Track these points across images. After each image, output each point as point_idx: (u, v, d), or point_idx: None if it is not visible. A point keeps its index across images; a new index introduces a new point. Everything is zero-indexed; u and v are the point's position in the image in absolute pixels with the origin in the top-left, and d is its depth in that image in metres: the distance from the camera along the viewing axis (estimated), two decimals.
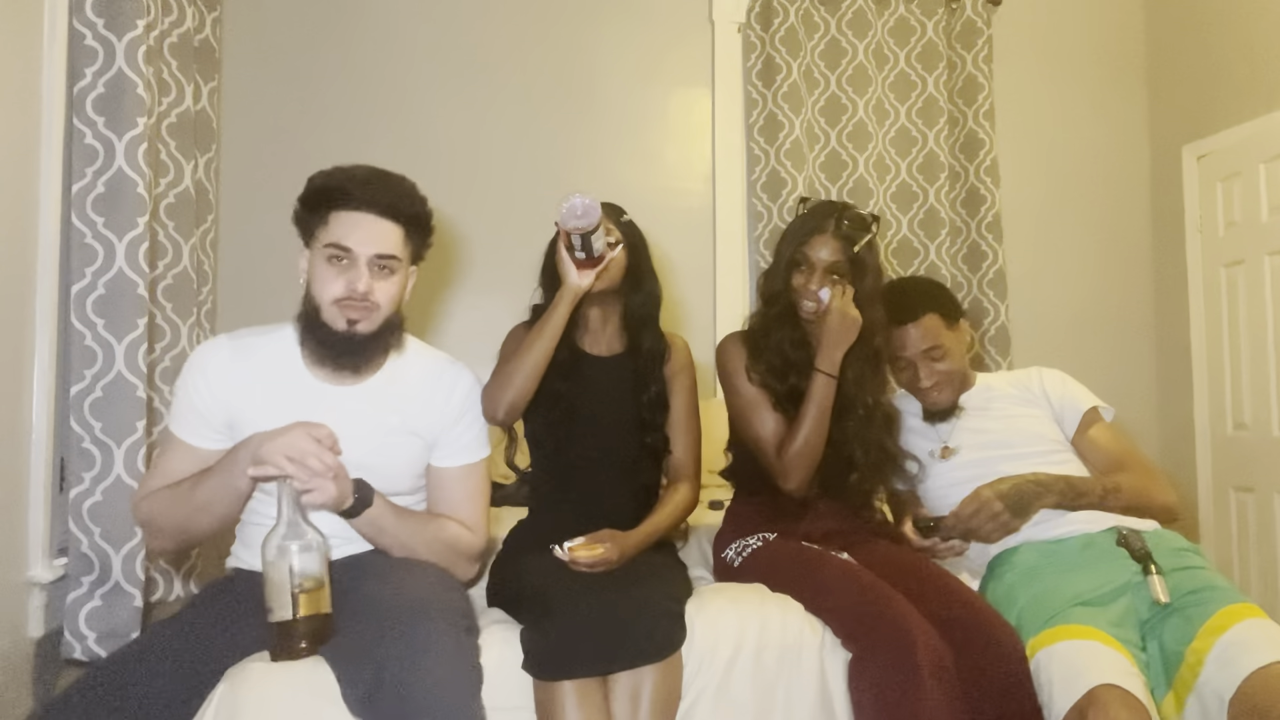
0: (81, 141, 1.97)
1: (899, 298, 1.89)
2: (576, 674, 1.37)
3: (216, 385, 1.47)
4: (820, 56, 3.29)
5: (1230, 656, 1.40)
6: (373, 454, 1.49)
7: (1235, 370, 3.14)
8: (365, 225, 1.44)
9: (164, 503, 1.43)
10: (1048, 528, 1.72)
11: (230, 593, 1.49)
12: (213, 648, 1.35)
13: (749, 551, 1.78)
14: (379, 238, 1.45)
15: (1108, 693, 1.34)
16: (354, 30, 3.17)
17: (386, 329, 1.50)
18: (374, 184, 1.46)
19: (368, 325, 1.46)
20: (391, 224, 1.47)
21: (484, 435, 1.63)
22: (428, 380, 1.56)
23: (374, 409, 1.51)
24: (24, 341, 1.94)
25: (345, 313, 1.44)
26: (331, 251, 1.44)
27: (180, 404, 1.49)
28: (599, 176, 3.17)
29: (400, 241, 1.48)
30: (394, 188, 1.49)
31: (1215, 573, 1.62)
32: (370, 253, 1.44)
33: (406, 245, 1.50)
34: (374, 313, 1.46)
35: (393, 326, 1.51)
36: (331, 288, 1.44)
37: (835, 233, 1.77)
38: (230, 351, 1.50)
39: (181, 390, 1.49)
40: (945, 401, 1.90)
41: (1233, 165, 3.14)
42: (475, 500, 1.61)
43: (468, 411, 1.59)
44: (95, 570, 1.92)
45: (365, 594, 1.38)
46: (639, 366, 1.82)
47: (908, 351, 1.88)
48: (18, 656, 1.91)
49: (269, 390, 1.48)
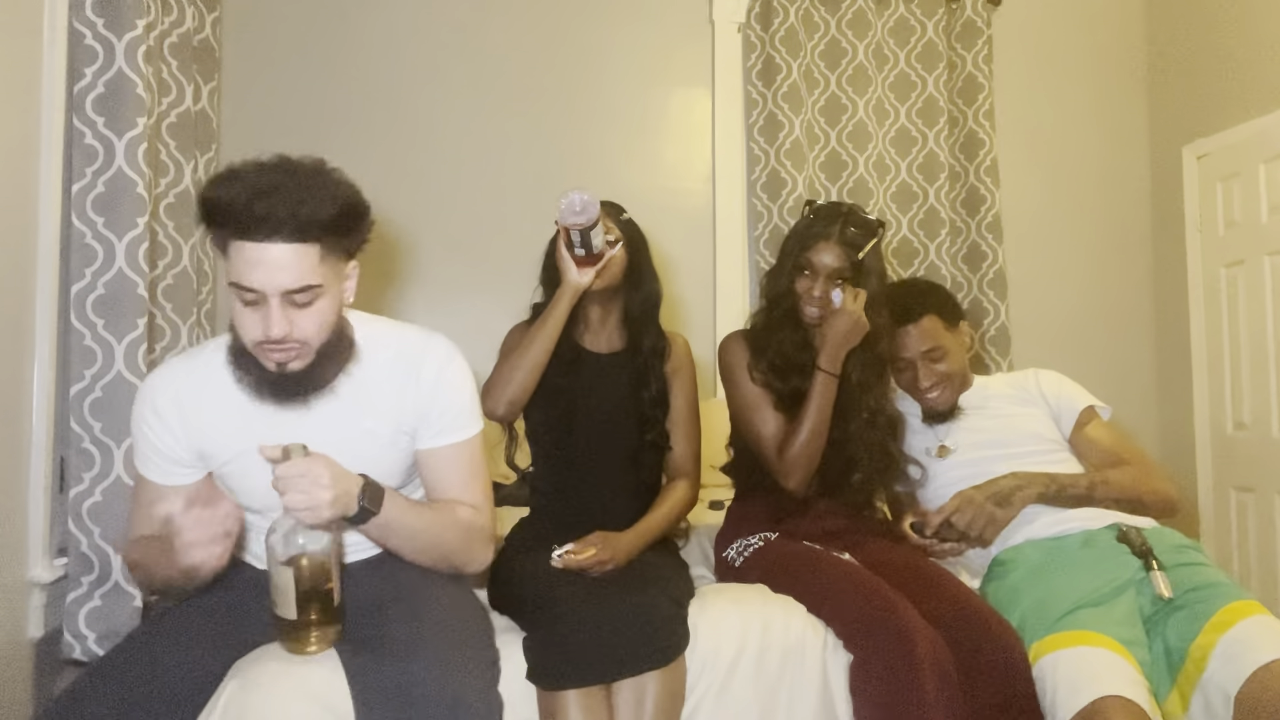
0: (81, 141, 1.96)
1: (899, 299, 1.89)
2: (580, 682, 1.37)
3: (173, 422, 1.35)
4: (820, 56, 3.28)
5: (1235, 653, 1.40)
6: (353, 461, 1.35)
7: (1235, 370, 3.14)
8: (267, 260, 1.20)
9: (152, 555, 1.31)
10: (1047, 525, 1.72)
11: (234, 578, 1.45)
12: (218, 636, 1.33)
13: (750, 551, 1.79)
14: (285, 270, 1.21)
15: (1112, 704, 1.34)
16: (354, 30, 3.16)
17: (327, 355, 1.31)
18: (269, 198, 1.18)
19: (300, 363, 1.28)
20: (300, 246, 1.21)
21: (470, 409, 1.45)
22: (394, 372, 1.39)
23: (343, 421, 1.36)
24: (24, 341, 1.94)
25: (271, 356, 1.27)
26: (237, 292, 1.23)
27: (142, 447, 1.38)
28: (599, 176, 3.16)
29: (315, 263, 1.23)
30: (295, 195, 1.20)
31: (1217, 569, 1.62)
32: (278, 291, 1.21)
33: (325, 262, 1.25)
34: (302, 350, 1.27)
35: (335, 349, 1.32)
36: (248, 331, 1.26)
37: (840, 239, 1.77)
38: (175, 385, 1.36)
39: (138, 433, 1.37)
40: (945, 403, 1.90)
41: (1233, 165, 3.14)
42: (475, 478, 1.46)
43: (443, 386, 1.40)
44: (95, 570, 1.92)
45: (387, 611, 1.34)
46: (639, 364, 1.82)
47: (907, 353, 1.89)
48: (18, 656, 1.90)
49: (228, 416, 1.34)
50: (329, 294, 1.27)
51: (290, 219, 1.19)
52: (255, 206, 1.18)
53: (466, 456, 1.44)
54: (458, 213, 3.15)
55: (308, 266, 1.22)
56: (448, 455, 1.43)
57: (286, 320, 1.23)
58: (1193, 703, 1.44)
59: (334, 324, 1.31)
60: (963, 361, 1.94)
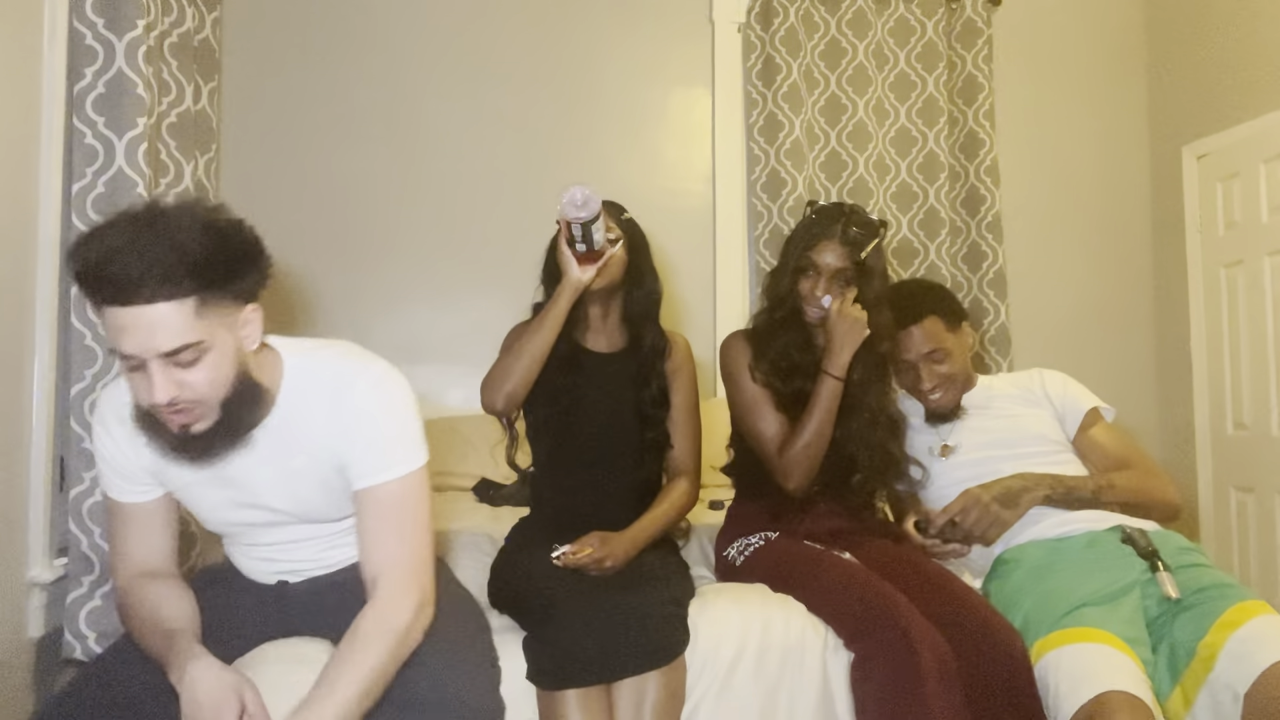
0: (81, 141, 1.96)
1: (901, 300, 1.89)
2: (580, 682, 1.37)
3: (122, 441, 1.30)
4: (820, 56, 3.28)
5: (1245, 651, 1.40)
6: (289, 501, 1.32)
7: (1235, 370, 3.14)
8: (134, 324, 1.10)
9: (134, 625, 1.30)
10: (1051, 526, 1.72)
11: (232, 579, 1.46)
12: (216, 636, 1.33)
13: (751, 550, 1.79)
14: (156, 333, 1.10)
15: (1115, 699, 1.34)
16: (354, 31, 3.16)
17: (232, 409, 1.20)
18: (123, 256, 1.07)
19: (203, 424, 1.19)
20: (168, 305, 1.10)
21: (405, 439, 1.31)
22: (321, 402, 1.28)
23: (273, 459, 1.28)
24: (24, 341, 1.94)
25: (169, 420, 1.18)
26: (117, 358, 1.15)
27: (101, 465, 1.35)
28: (599, 176, 3.15)
29: (189, 319, 1.12)
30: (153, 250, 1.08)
31: (1221, 571, 1.62)
32: (154, 354, 1.12)
33: (205, 316, 1.14)
34: (197, 410, 1.17)
35: (241, 401, 1.21)
36: (139, 396, 1.18)
37: (842, 239, 1.77)
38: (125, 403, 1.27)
39: (95, 449, 1.35)
40: (947, 404, 1.90)
41: (1233, 165, 3.14)
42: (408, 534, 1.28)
43: (369, 412, 1.28)
44: (95, 570, 1.92)
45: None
46: (640, 362, 1.82)
47: (909, 354, 1.88)
48: (18, 656, 1.90)
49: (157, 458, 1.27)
50: (217, 348, 1.16)
51: (149, 276, 1.07)
52: (110, 268, 1.07)
53: (397, 500, 1.29)
54: (457, 212, 3.15)
55: (182, 324, 1.11)
56: (378, 499, 1.28)
57: (172, 383, 1.13)
58: (1197, 702, 1.44)
59: (232, 377, 1.19)
60: (965, 362, 1.94)
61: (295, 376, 1.30)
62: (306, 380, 1.30)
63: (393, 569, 1.26)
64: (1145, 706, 1.34)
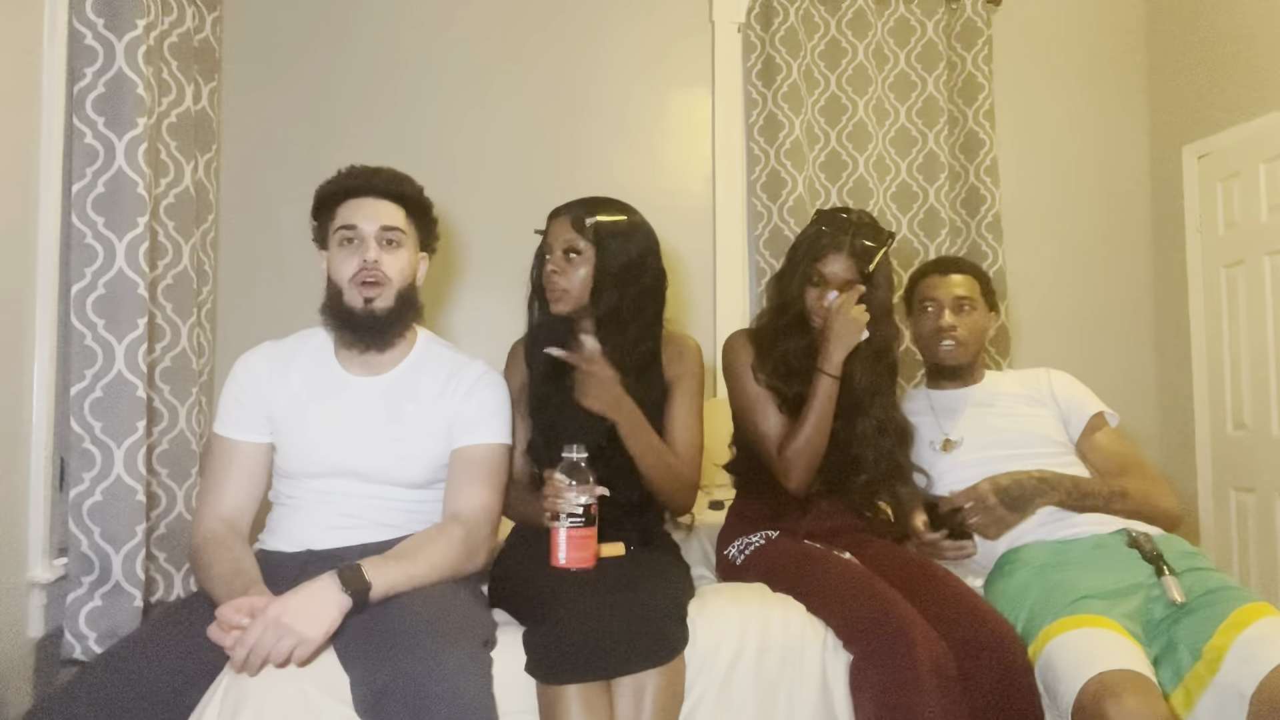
0: (81, 141, 1.96)
1: (949, 258, 1.98)
2: (580, 678, 1.37)
3: (261, 380, 1.60)
4: (820, 56, 3.28)
5: (1251, 652, 1.40)
6: (391, 442, 1.58)
7: (1235, 370, 3.14)
8: (368, 205, 1.59)
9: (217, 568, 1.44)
10: (1056, 528, 1.73)
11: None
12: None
13: (751, 549, 1.79)
14: (381, 213, 1.59)
15: (1119, 676, 1.34)
16: (354, 31, 3.17)
17: (402, 305, 1.59)
18: (371, 174, 1.61)
19: (383, 301, 1.56)
20: (391, 203, 1.60)
21: (499, 419, 1.63)
22: (442, 369, 1.64)
23: (392, 398, 1.60)
24: (24, 341, 1.94)
25: (361, 290, 1.55)
26: (342, 234, 1.58)
27: (225, 402, 1.61)
28: (599, 176, 3.16)
29: (403, 218, 1.61)
30: (391, 174, 1.63)
31: (1225, 575, 1.62)
32: (375, 227, 1.57)
33: (410, 222, 1.63)
34: (386, 286, 1.57)
35: (408, 303, 1.61)
36: (346, 267, 1.57)
37: (850, 251, 1.78)
38: (272, 351, 1.65)
39: (226, 394, 1.61)
40: (954, 359, 1.92)
41: (1233, 165, 3.14)
42: (486, 484, 1.58)
43: (478, 391, 1.62)
44: (95, 570, 1.92)
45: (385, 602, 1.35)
46: (631, 366, 1.79)
47: (939, 292, 1.92)
48: (18, 656, 1.90)
49: (299, 384, 1.60)
50: (409, 249, 1.62)
51: (386, 184, 1.61)
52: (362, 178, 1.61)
53: (484, 459, 1.59)
54: (456, 212, 3.15)
55: (398, 216, 1.61)
56: (470, 454, 1.59)
57: (378, 253, 1.56)
58: (1200, 703, 1.44)
59: (410, 279, 1.62)
60: (980, 339, 1.96)
61: (425, 344, 1.68)
62: (432, 351, 1.68)
63: (471, 509, 1.53)
64: (1149, 681, 1.34)
